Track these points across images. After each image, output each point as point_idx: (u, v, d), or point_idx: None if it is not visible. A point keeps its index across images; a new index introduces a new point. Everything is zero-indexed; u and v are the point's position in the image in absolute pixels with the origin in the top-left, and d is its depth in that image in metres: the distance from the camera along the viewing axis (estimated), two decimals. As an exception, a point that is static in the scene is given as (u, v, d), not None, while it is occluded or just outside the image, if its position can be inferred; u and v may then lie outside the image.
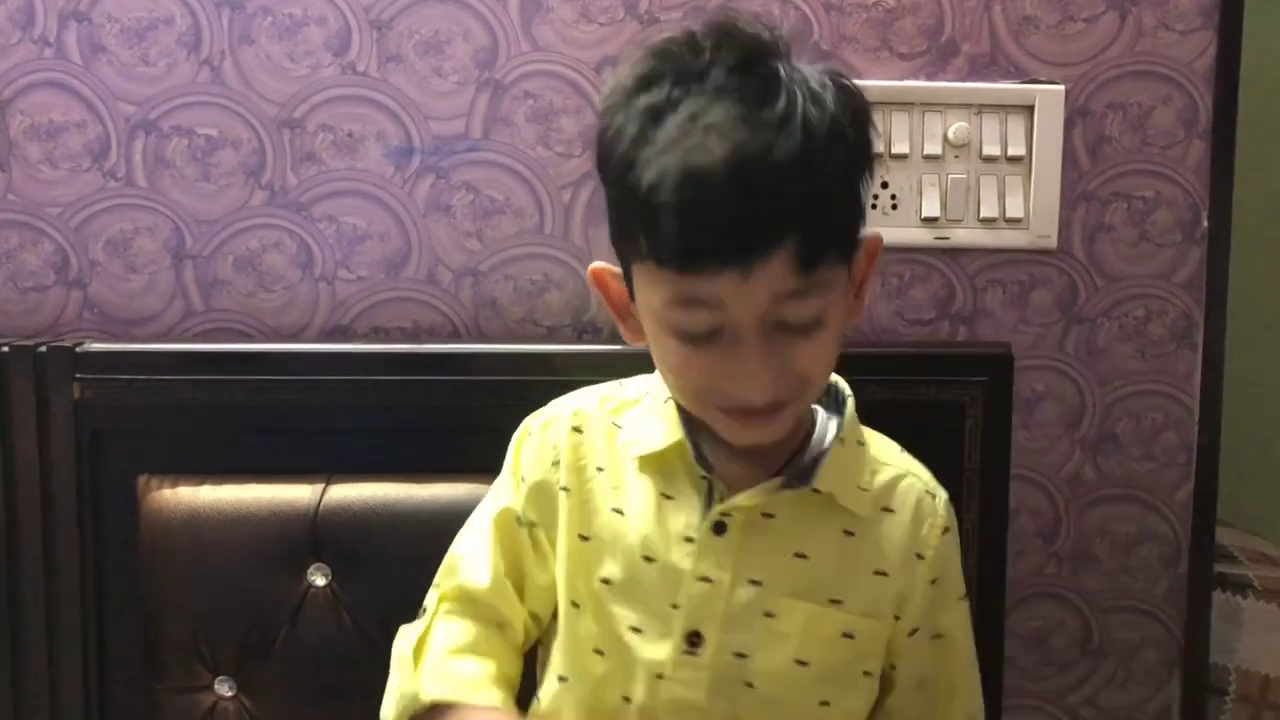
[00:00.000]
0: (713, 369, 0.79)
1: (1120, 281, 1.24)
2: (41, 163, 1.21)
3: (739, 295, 0.76)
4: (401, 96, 1.21)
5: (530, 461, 0.92)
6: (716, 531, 0.85)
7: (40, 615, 1.15)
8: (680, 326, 0.78)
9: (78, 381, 1.13)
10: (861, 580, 0.86)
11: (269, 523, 1.09)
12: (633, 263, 0.81)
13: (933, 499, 0.90)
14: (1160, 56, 1.22)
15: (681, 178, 0.74)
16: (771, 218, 0.74)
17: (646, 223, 0.76)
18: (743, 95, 0.76)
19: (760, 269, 0.75)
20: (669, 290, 0.77)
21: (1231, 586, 1.51)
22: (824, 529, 0.86)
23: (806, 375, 0.80)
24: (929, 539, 0.88)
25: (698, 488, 0.86)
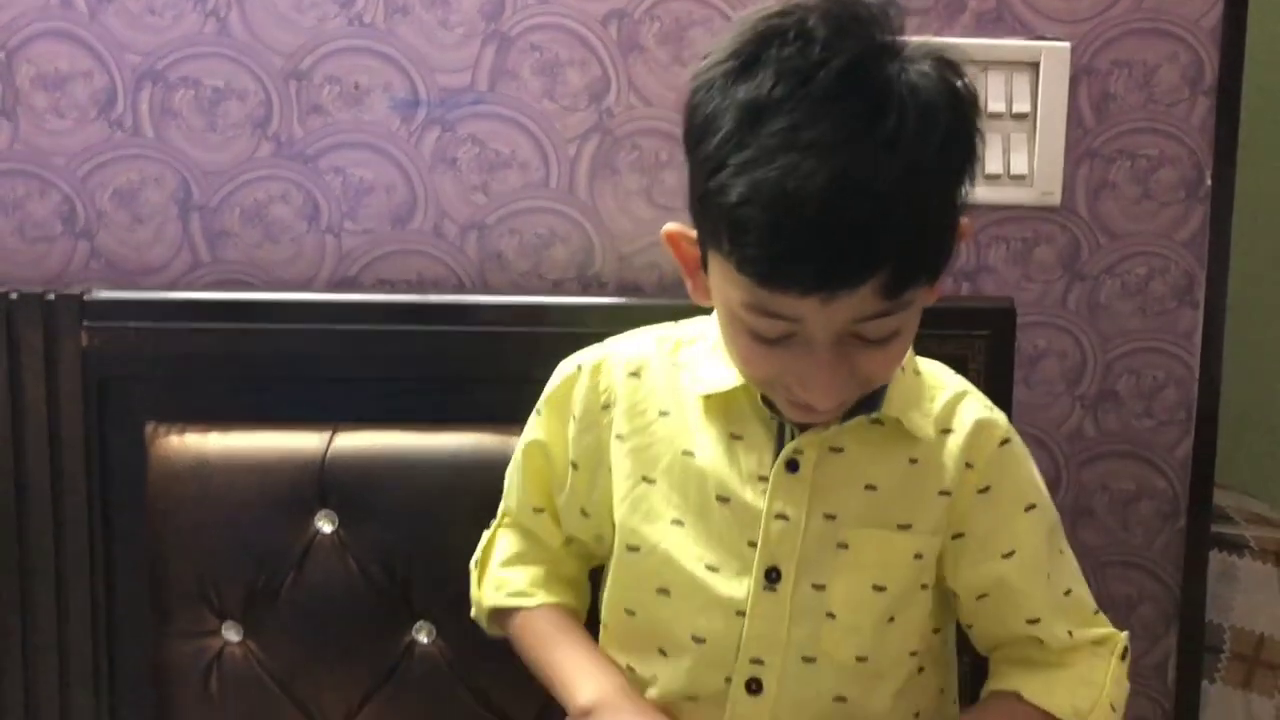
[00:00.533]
0: (781, 367, 0.79)
1: (1123, 239, 1.25)
2: (48, 112, 1.21)
3: (818, 316, 0.75)
4: (408, 49, 1.21)
5: (579, 403, 0.93)
6: (790, 469, 0.87)
7: (49, 561, 1.16)
8: (753, 329, 0.78)
9: (85, 329, 1.14)
10: (927, 502, 0.88)
11: (276, 470, 1.10)
12: (711, 250, 0.79)
13: (990, 412, 0.91)
14: (1166, 14, 1.22)
15: (774, 198, 0.71)
16: (864, 254, 0.72)
17: (732, 230, 0.74)
18: (851, 110, 0.72)
19: (844, 298, 0.74)
20: (747, 295, 0.76)
21: (1228, 546, 1.52)
22: (890, 459, 0.88)
23: (872, 379, 0.82)
24: (983, 449, 0.89)
25: (767, 426, 0.87)
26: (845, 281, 0.73)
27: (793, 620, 0.87)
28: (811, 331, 0.76)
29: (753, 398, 0.87)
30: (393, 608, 1.09)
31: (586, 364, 0.94)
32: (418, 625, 1.10)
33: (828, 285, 0.73)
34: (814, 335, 0.76)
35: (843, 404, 0.82)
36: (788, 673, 0.87)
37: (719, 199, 0.74)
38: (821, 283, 0.73)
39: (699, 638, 0.88)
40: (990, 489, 0.89)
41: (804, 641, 0.87)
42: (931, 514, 0.88)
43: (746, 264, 0.74)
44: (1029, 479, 0.92)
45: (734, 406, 0.88)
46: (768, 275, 0.74)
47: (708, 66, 0.78)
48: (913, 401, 0.89)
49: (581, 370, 0.94)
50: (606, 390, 0.92)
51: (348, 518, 1.10)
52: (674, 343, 0.93)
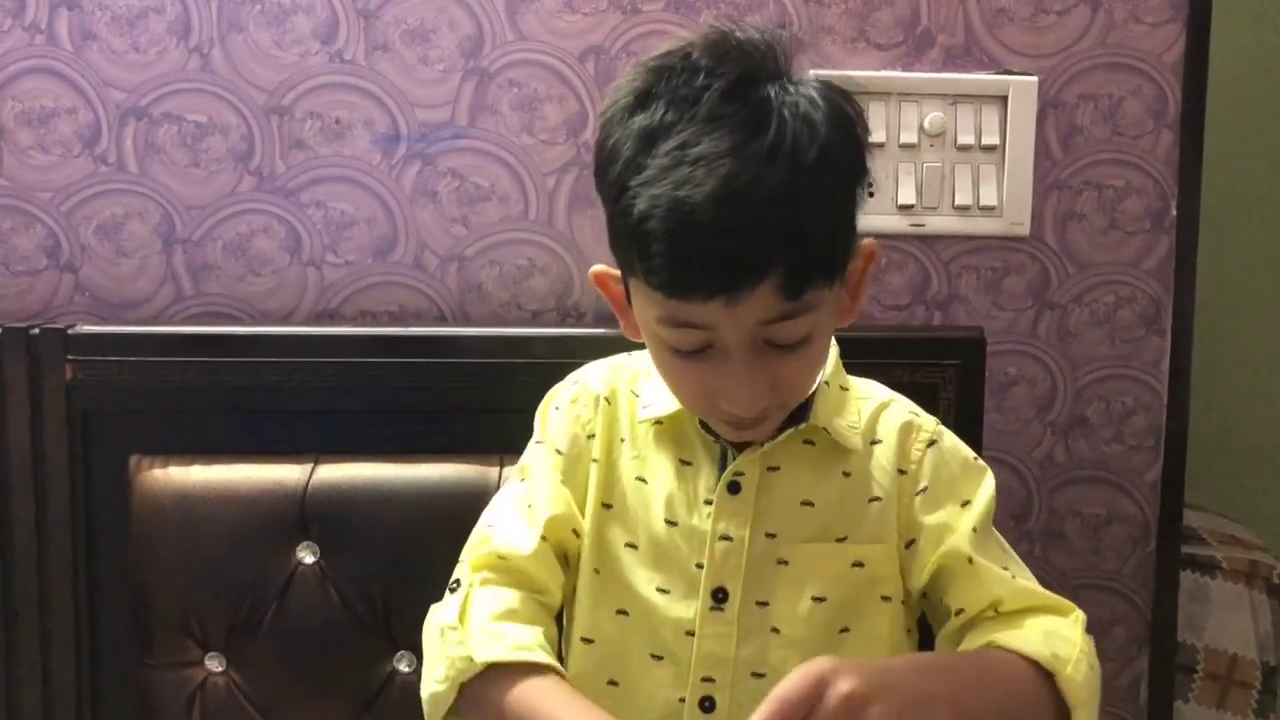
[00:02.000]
0: (703, 381, 0.83)
1: (1091, 268, 1.27)
2: (33, 148, 1.22)
3: (726, 320, 0.79)
4: (388, 84, 1.23)
5: (563, 434, 0.95)
6: (731, 491, 0.90)
7: (33, 592, 1.17)
8: (671, 343, 0.83)
9: (70, 363, 1.15)
10: (860, 512, 0.91)
11: (258, 502, 1.11)
12: (628, 276, 0.85)
13: (915, 417, 0.94)
14: (1130, 49, 1.25)
15: (669, 211, 0.77)
16: (756, 252, 0.77)
17: (639, 248, 0.79)
18: (733, 125, 0.78)
19: (746, 298, 0.78)
20: (660, 310, 0.81)
21: (1200, 567, 1.54)
22: (825, 475, 0.91)
23: (792, 388, 0.86)
24: (911, 454, 0.92)
25: (710, 451, 0.91)
26: (743, 281, 0.77)
27: (740, 638, 0.89)
28: (724, 338, 0.80)
29: (696, 424, 0.91)
30: (374, 637, 1.11)
31: (564, 398, 0.97)
32: (399, 655, 1.11)
33: (728, 287, 0.77)
34: (727, 342, 0.81)
35: (764, 412, 0.84)
36: (739, 689, 0.89)
37: (624, 220, 0.80)
38: (721, 285, 0.78)
39: (656, 655, 0.90)
40: (928, 489, 0.91)
41: (752, 658, 0.89)
42: (866, 523, 0.90)
43: (653, 276, 0.79)
44: (961, 480, 0.92)
45: (681, 433, 0.92)
46: (672, 284, 0.79)
47: (610, 104, 0.84)
48: (841, 414, 0.92)
49: (560, 405, 0.97)
50: (588, 420, 0.95)
51: (329, 548, 1.11)
52: (632, 373, 0.96)
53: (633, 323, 0.89)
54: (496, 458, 1.13)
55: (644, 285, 0.81)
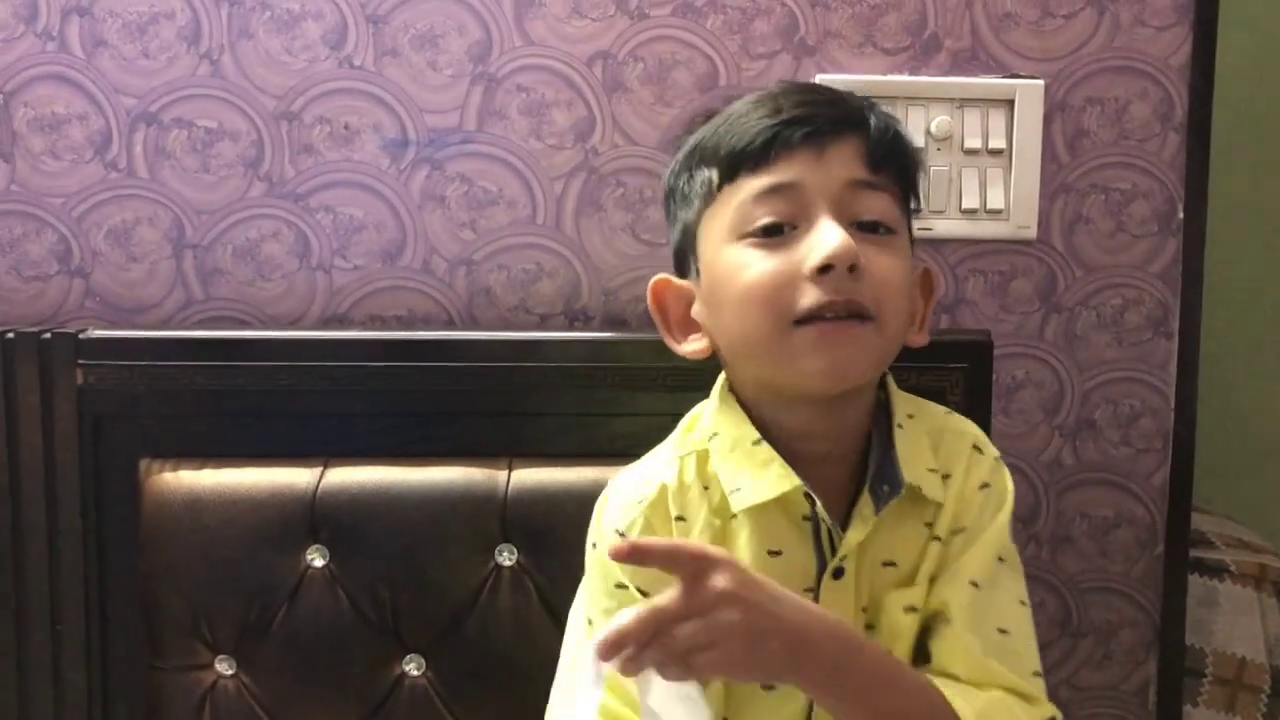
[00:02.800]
0: (788, 258, 0.81)
1: (1098, 271, 1.27)
2: (44, 154, 1.23)
3: (815, 173, 0.82)
4: (397, 90, 1.23)
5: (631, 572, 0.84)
6: (836, 576, 0.84)
7: (44, 596, 1.17)
8: (758, 222, 0.82)
9: (80, 367, 1.16)
10: (927, 555, 0.85)
11: (268, 505, 1.12)
12: (701, 221, 0.87)
13: (979, 453, 0.89)
14: (1137, 52, 1.25)
15: (753, 101, 0.86)
16: (838, 111, 0.84)
17: (720, 148, 0.85)
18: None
19: (833, 149, 0.82)
20: (744, 194, 0.83)
21: (1208, 571, 1.54)
22: (909, 531, 0.85)
23: (881, 284, 0.81)
24: (966, 490, 0.87)
25: (802, 531, 0.84)
26: (828, 128, 0.83)
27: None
28: (810, 198, 0.82)
29: (786, 504, 0.83)
30: (383, 640, 1.11)
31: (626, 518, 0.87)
32: (408, 658, 1.11)
33: (816, 131, 0.82)
34: (815, 204, 0.82)
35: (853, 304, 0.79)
36: None
37: (699, 151, 0.86)
38: (810, 128, 0.82)
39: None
40: (965, 530, 0.86)
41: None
42: (928, 563, 0.85)
43: (739, 148, 0.83)
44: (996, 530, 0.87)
45: (768, 519, 0.84)
46: (761, 143, 0.82)
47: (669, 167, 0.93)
48: (922, 460, 0.86)
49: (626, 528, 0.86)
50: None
51: (339, 552, 1.11)
52: (697, 456, 0.87)
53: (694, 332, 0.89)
54: (505, 461, 1.13)
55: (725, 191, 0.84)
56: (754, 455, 0.84)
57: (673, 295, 0.90)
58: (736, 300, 0.83)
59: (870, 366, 0.84)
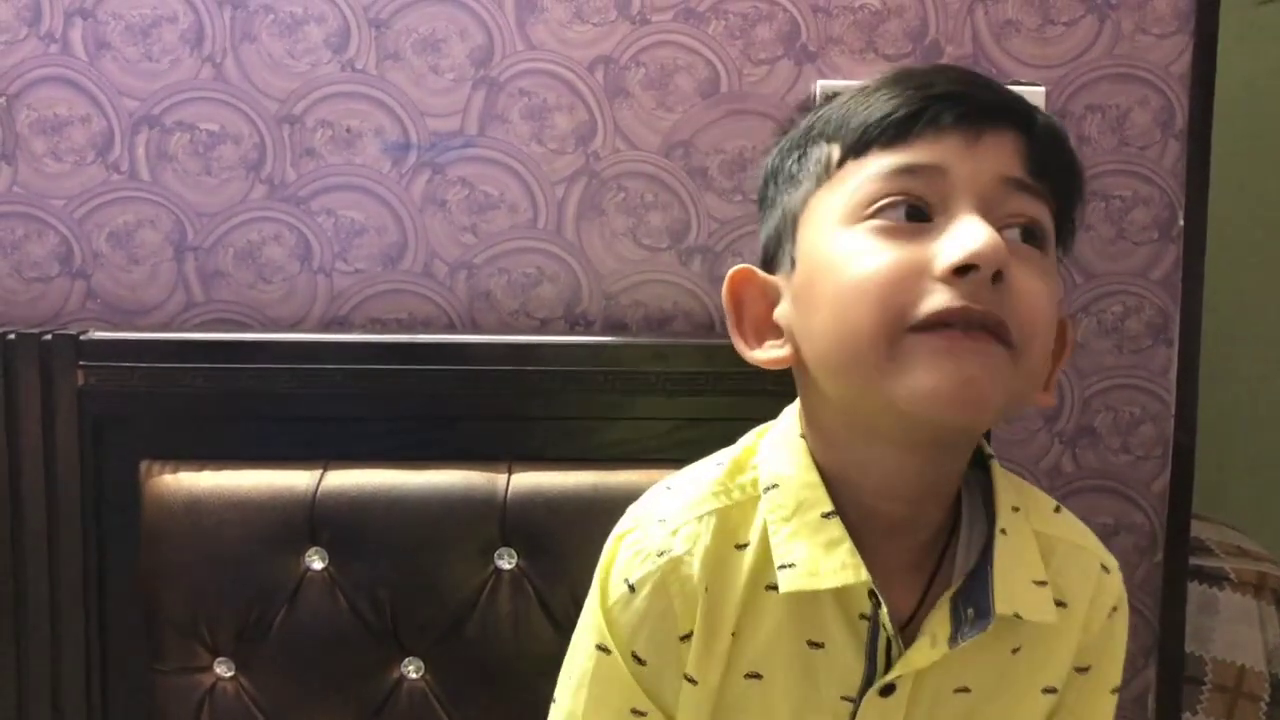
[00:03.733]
0: (915, 251, 0.65)
1: (1098, 278, 1.28)
2: (46, 156, 1.23)
3: (966, 160, 0.66)
4: (399, 93, 1.24)
5: (645, 635, 0.72)
6: (884, 694, 0.70)
7: (44, 597, 1.17)
8: (886, 200, 0.67)
9: (81, 369, 1.16)
10: (1027, 702, 0.74)
11: (268, 507, 1.12)
12: (807, 204, 0.71)
13: (1106, 574, 0.76)
14: (1138, 59, 1.25)
15: (894, 74, 0.70)
16: (1001, 96, 0.70)
17: (849, 121, 0.69)
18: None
19: (989, 139, 0.67)
20: (874, 169, 0.67)
21: (1208, 579, 1.54)
22: (990, 653, 0.72)
23: (1033, 308, 0.65)
24: (1091, 623, 0.75)
25: (854, 628, 0.70)
26: (986, 113, 0.67)
27: None
28: (956, 188, 0.66)
29: (844, 599, 0.70)
30: (382, 643, 1.11)
31: (648, 567, 0.72)
32: (407, 661, 1.11)
33: (971, 114, 0.67)
34: (961, 193, 0.66)
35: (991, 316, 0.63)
36: None
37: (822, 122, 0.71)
38: (965, 109, 0.67)
39: None
40: (1090, 669, 0.76)
41: None
42: (1029, 710, 0.74)
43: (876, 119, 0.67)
44: (1120, 656, 0.78)
45: (816, 606, 0.70)
46: (904, 116, 0.67)
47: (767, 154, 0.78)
48: (1024, 574, 0.71)
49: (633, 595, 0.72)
50: (684, 614, 0.71)
51: (338, 555, 1.11)
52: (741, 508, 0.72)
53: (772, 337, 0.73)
54: (505, 464, 1.13)
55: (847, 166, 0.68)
56: (820, 529, 0.69)
57: (755, 290, 0.74)
58: (840, 294, 0.66)
59: (1000, 401, 0.65)
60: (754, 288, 0.74)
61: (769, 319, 0.74)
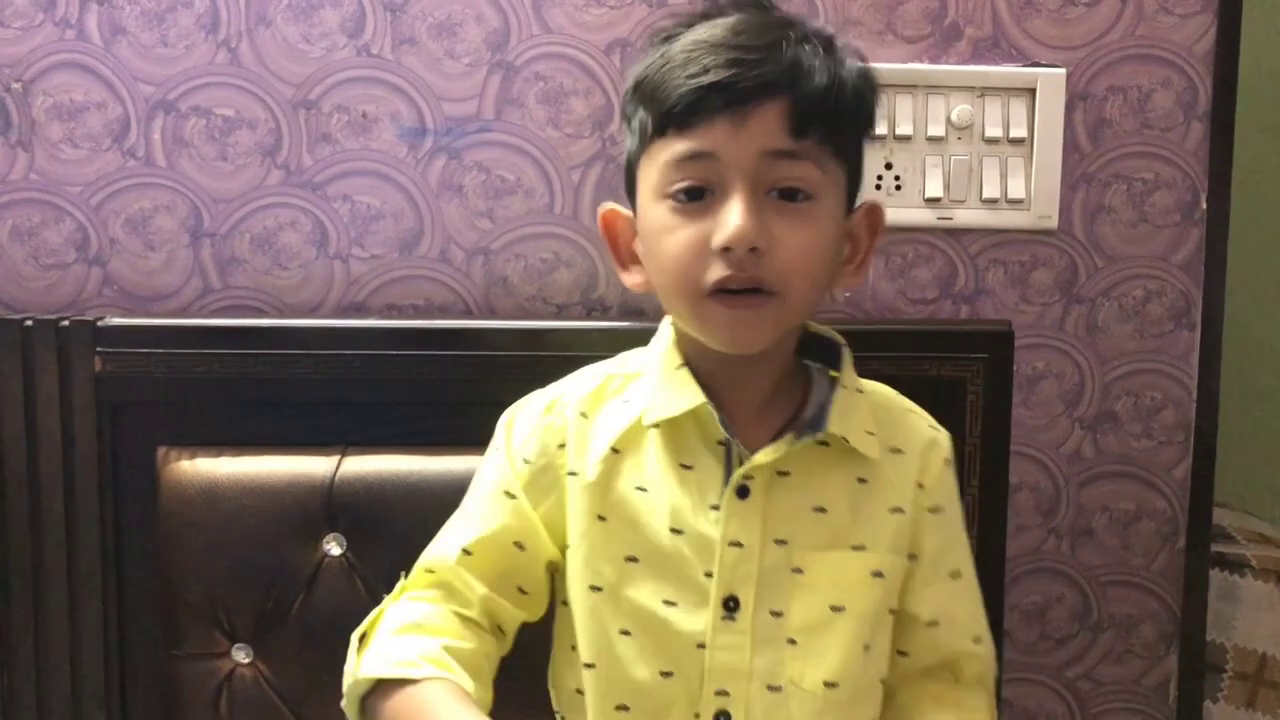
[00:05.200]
0: (701, 230, 0.82)
1: (1120, 262, 1.26)
2: (63, 142, 1.23)
3: (732, 143, 0.81)
4: (415, 78, 1.23)
5: (532, 444, 0.91)
6: (740, 495, 0.86)
7: (62, 583, 1.17)
8: (676, 185, 0.83)
9: (98, 355, 1.16)
10: (879, 520, 0.89)
11: (286, 493, 1.11)
12: (638, 163, 0.87)
13: (935, 432, 0.94)
14: (1160, 40, 1.24)
15: (691, 46, 0.83)
16: (765, 72, 0.81)
17: (654, 96, 0.84)
18: (754, 16, 0.86)
19: (754, 118, 0.81)
20: (668, 154, 0.83)
21: (1229, 566, 1.53)
22: (838, 479, 0.88)
23: (789, 258, 0.82)
24: (931, 468, 0.91)
25: (715, 454, 0.88)
26: (750, 95, 0.81)
27: (755, 649, 0.85)
28: (728, 172, 0.82)
29: (704, 423, 0.87)
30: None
31: (536, 405, 0.93)
32: (425, 646, 1.11)
33: (736, 100, 0.81)
34: (730, 175, 0.82)
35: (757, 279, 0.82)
36: (754, 703, 0.85)
37: (645, 84, 0.85)
38: (730, 98, 0.81)
39: (666, 672, 0.86)
40: (941, 509, 0.91)
41: (768, 670, 0.86)
42: (885, 531, 0.89)
43: (666, 106, 0.83)
44: (959, 505, 0.94)
45: (680, 434, 0.88)
46: (685, 104, 0.81)
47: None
48: (857, 420, 0.89)
49: (531, 414, 0.93)
50: (560, 429, 0.91)
51: (356, 540, 1.11)
52: (623, 379, 0.93)
53: (637, 264, 0.90)
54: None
55: (656, 143, 0.84)
56: (675, 378, 0.89)
57: (621, 224, 0.91)
58: (659, 264, 0.86)
59: (769, 336, 0.86)
60: (621, 222, 0.92)
61: (632, 245, 0.91)
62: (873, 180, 1.24)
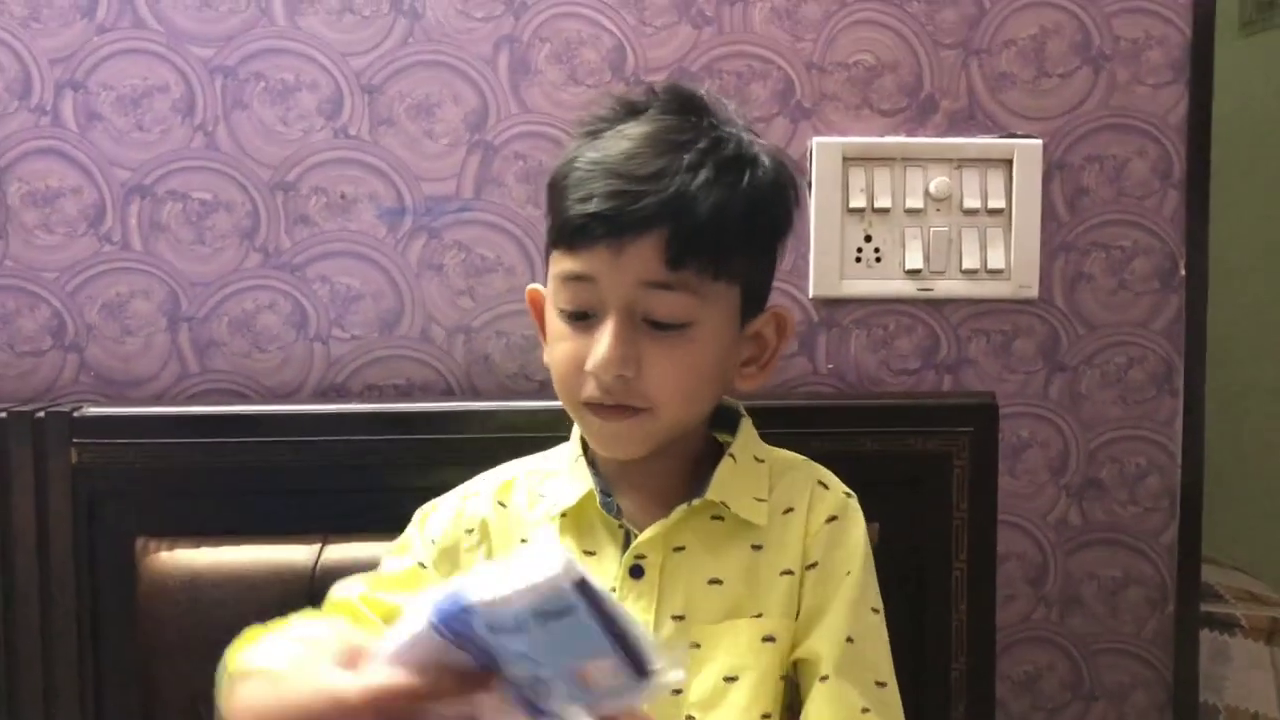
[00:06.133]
0: (579, 348, 0.87)
1: (1101, 329, 1.27)
2: (38, 228, 1.22)
3: (611, 271, 0.85)
4: (393, 159, 1.23)
5: (442, 527, 0.95)
6: (634, 575, 0.89)
7: (37, 678, 1.15)
8: (563, 302, 0.88)
9: (75, 446, 1.14)
10: (772, 585, 0.90)
11: (267, 583, 1.10)
12: (549, 262, 0.90)
13: (824, 488, 0.94)
14: (1134, 110, 1.25)
15: (588, 164, 0.86)
16: (646, 205, 0.84)
17: (556, 208, 0.88)
18: (667, 124, 0.88)
19: (631, 249, 0.84)
20: (559, 268, 0.88)
21: (1219, 625, 1.53)
22: (733, 550, 0.90)
23: (657, 381, 0.86)
24: (812, 524, 0.92)
25: (615, 537, 0.91)
26: (629, 227, 0.83)
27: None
28: (606, 296, 0.85)
29: (597, 506, 0.91)
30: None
31: (454, 495, 0.98)
32: (410, 738, 1.09)
33: (615, 231, 0.84)
34: (607, 301, 0.85)
35: (625, 396, 0.86)
36: None
37: (553, 190, 0.89)
38: (610, 228, 0.84)
39: None
40: (818, 565, 0.91)
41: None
42: (777, 595, 0.89)
43: (559, 224, 0.87)
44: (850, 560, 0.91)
45: (585, 522, 0.92)
46: (571, 228, 0.85)
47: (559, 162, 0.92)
48: (746, 488, 0.91)
49: (447, 503, 0.97)
50: (475, 515, 0.95)
51: (339, 630, 1.09)
52: (541, 474, 0.97)
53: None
54: (507, 534, 1.12)
55: (553, 252, 0.88)
56: (576, 471, 0.93)
57: (542, 306, 0.95)
58: (551, 367, 0.91)
59: (644, 446, 0.89)
60: (541, 303, 0.95)
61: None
62: (852, 253, 1.24)
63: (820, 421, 1.15)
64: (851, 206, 1.23)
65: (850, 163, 1.23)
